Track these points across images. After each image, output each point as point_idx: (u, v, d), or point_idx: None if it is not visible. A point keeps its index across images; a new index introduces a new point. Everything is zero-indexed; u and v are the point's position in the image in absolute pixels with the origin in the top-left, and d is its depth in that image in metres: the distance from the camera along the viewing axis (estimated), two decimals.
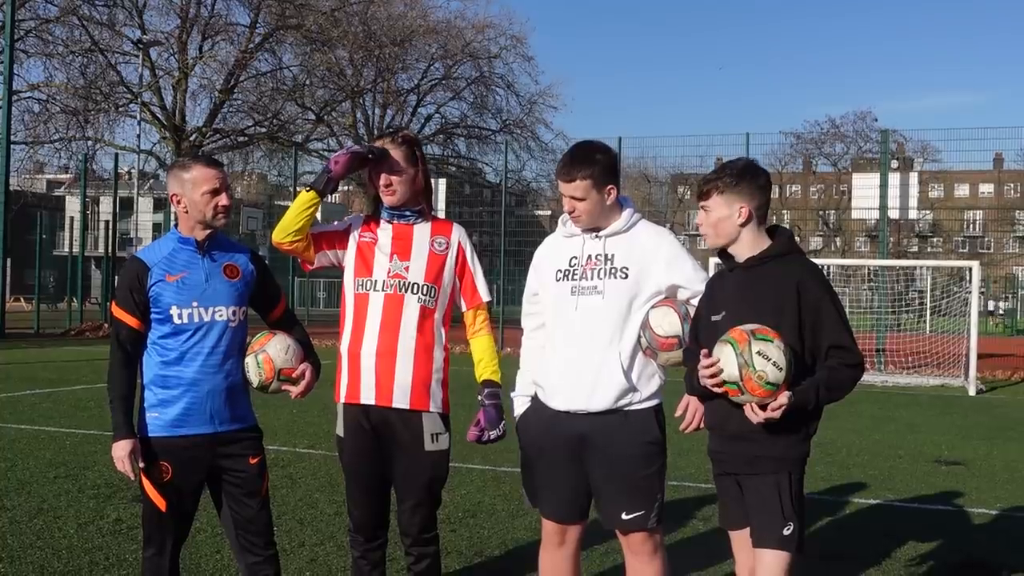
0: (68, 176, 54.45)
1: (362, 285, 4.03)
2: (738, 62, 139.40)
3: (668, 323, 3.69)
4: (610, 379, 3.76)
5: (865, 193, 22.26)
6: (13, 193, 29.09)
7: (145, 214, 38.15)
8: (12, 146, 27.76)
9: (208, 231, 3.87)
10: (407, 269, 4.01)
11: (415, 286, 4.00)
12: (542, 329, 3.97)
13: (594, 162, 3.77)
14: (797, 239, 3.69)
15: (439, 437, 4.00)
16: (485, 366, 4.10)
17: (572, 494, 3.88)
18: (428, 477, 3.99)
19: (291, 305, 4.24)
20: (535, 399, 3.96)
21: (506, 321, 25.04)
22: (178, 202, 3.85)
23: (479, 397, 4.05)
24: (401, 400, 3.96)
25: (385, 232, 4.08)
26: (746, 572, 3.59)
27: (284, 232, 4.00)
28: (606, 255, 3.82)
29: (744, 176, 3.51)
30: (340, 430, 4.10)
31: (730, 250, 3.58)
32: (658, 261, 3.80)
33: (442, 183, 27.86)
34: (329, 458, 8.67)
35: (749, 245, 3.54)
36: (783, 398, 3.29)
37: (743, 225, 3.52)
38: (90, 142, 35.02)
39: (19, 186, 36.72)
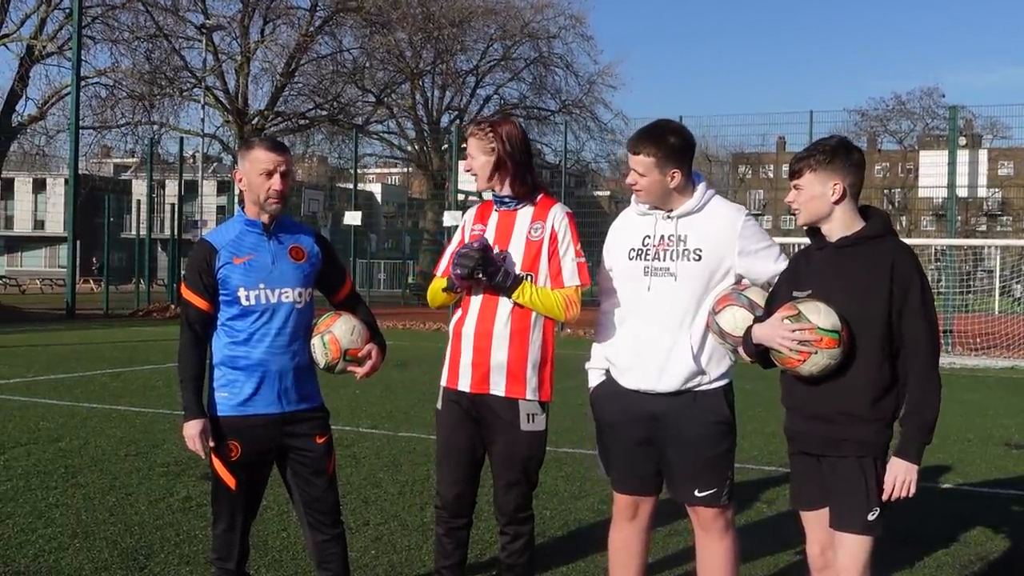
0: (134, 160, 55.52)
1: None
2: (800, 38, 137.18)
3: (742, 321, 3.67)
4: (680, 361, 3.77)
5: (932, 171, 21.83)
6: (82, 177, 29.66)
7: (209, 197, 38.74)
8: (80, 131, 28.21)
9: (271, 215, 3.91)
10: (503, 260, 4.02)
11: (515, 270, 4.00)
12: (618, 306, 3.97)
13: (662, 142, 3.74)
14: None
15: (535, 418, 4.02)
16: (540, 288, 4.03)
17: (645, 468, 3.90)
18: (524, 456, 4.01)
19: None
20: (608, 374, 3.97)
21: None
22: (240, 180, 3.91)
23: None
24: (498, 386, 3.99)
25: (493, 219, 4.11)
26: (818, 548, 3.58)
27: (436, 306, 4.25)
28: (679, 236, 3.81)
29: (837, 153, 3.46)
30: (439, 404, 4.17)
31: (822, 229, 3.53)
32: (732, 242, 3.78)
33: None
34: (391, 438, 8.76)
35: (842, 224, 3.49)
36: (894, 475, 3.37)
37: (836, 203, 3.47)
38: (155, 126, 35.57)
39: (87, 170, 37.51)
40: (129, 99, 33.92)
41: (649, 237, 3.85)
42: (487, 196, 4.25)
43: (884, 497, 3.37)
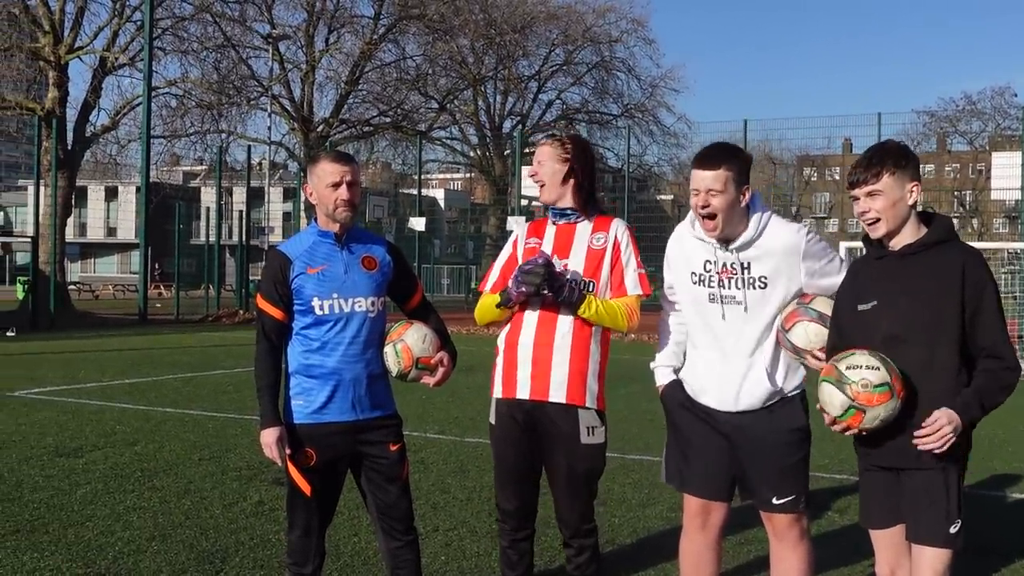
0: (203, 168, 56.50)
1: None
2: (866, 39, 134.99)
3: (815, 335, 3.62)
4: (757, 384, 3.75)
5: (1004, 172, 21.37)
6: (152, 185, 30.22)
7: (275, 203, 39.34)
8: (151, 140, 28.80)
9: (342, 224, 3.96)
10: (566, 266, 4.04)
11: (579, 276, 4.03)
12: (680, 313, 3.97)
13: (737, 157, 3.68)
14: None
15: (595, 430, 4.01)
16: (602, 300, 4.05)
17: (718, 473, 3.85)
18: (585, 469, 4.01)
19: None
20: (683, 387, 3.93)
21: None
22: (310, 194, 3.98)
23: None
24: (558, 393, 3.99)
25: (549, 233, 4.14)
26: (888, 569, 3.49)
27: (485, 323, 4.26)
28: (741, 264, 3.74)
29: (909, 155, 3.38)
30: (493, 418, 4.16)
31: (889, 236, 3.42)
32: (797, 265, 3.70)
33: None
34: (459, 444, 8.81)
35: (909, 230, 3.39)
36: (944, 417, 3.18)
37: (913, 206, 3.38)
38: (223, 135, 36.12)
39: (158, 178, 37.98)
40: (198, 108, 34.49)
41: (711, 263, 3.79)
42: (538, 215, 4.29)
43: (919, 435, 3.20)
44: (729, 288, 3.74)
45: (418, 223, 28.45)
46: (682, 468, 3.90)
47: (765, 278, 3.70)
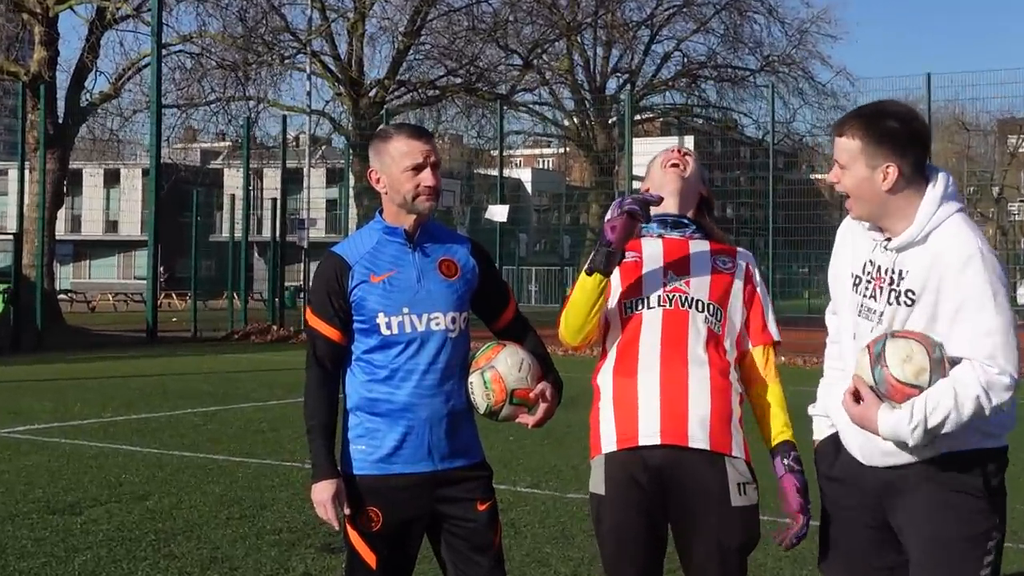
0: (226, 145, 57.53)
1: (631, 306, 4.02)
2: None
3: (913, 365, 3.50)
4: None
5: None
6: (164, 167, 30.86)
7: (317, 189, 39.76)
8: (163, 110, 29.35)
9: (416, 218, 3.98)
10: (687, 284, 4.01)
11: (699, 303, 4.00)
12: (838, 334, 3.92)
13: (875, 123, 3.57)
14: None
15: (747, 488, 3.92)
16: (779, 423, 4.04)
17: (871, 558, 3.75)
18: (738, 541, 3.90)
19: None
20: (836, 443, 3.87)
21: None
22: (377, 180, 4.01)
23: (781, 462, 3.98)
24: (699, 438, 3.90)
25: (653, 247, 4.11)
26: None
27: (578, 332, 4.06)
28: (896, 270, 3.64)
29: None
30: (600, 486, 4.00)
31: None
32: (947, 290, 3.53)
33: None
34: (559, 501, 8.77)
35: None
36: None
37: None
38: (251, 103, 36.71)
39: (170, 158, 38.91)
40: (219, 70, 35.10)
41: (870, 265, 3.72)
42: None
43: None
44: (877, 299, 3.67)
45: (499, 212, 28.54)
46: (831, 552, 3.86)
47: (912, 293, 3.58)
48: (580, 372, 5.12)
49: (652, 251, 4.09)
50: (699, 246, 4.13)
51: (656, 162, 4.24)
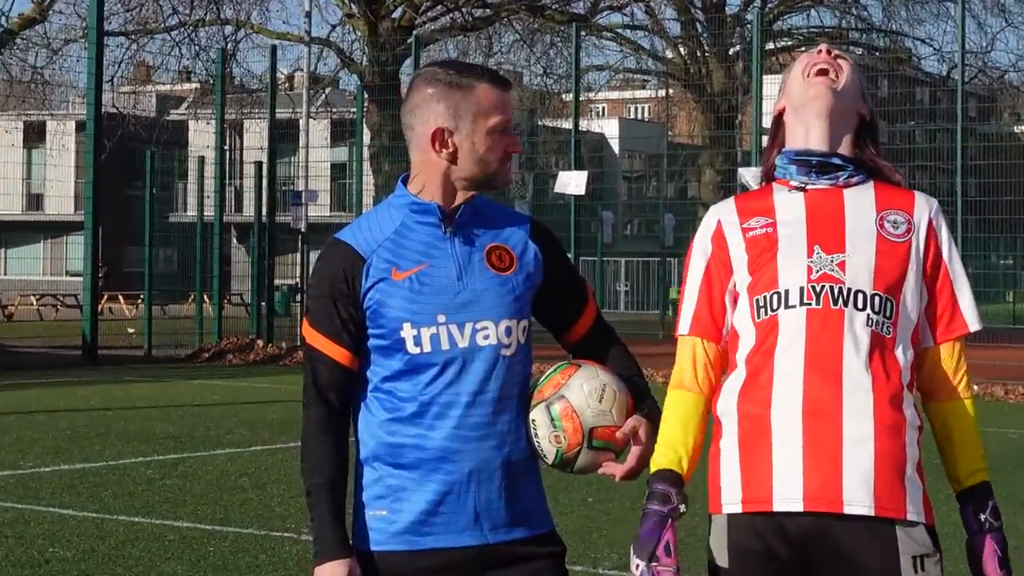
0: (191, 88, 57.79)
1: (765, 303, 4.00)
2: None
3: None
4: None
5: None
6: (106, 119, 31.01)
7: (319, 149, 39.86)
8: (105, 39, 29.52)
9: (472, 193, 4.00)
10: (842, 266, 3.98)
11: (861, 296, 3.97)
12: None
13: None
14: None
15: (926, 563, 3.92)
16: (972, 457, 4.04)
17: None
18: None
19: None
20: None
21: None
22: (442, 143, 3.97)
23: (974, 515, 3.98)
24: (859, 500, 3.89)
25: (791, 205, 4.09)
26: None
27: None
28: None
29: None
30: (722, 555, 4.05)
31: None
32: None
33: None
34: None
35: None
36: None
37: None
38: (227, 28, 36.86)
39: (115, 106, 39.15)
40: None
41: None
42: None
43: None
44: None
45: (573, 181, 28.47)
46: None
47: None
48: None
49: (790, 213, 4.06)
50: (859, 199, 4.07)
51: (795, 71, 4.15)
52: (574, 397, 3.96)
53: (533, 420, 3.98)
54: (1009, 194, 29.79)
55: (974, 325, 4.05)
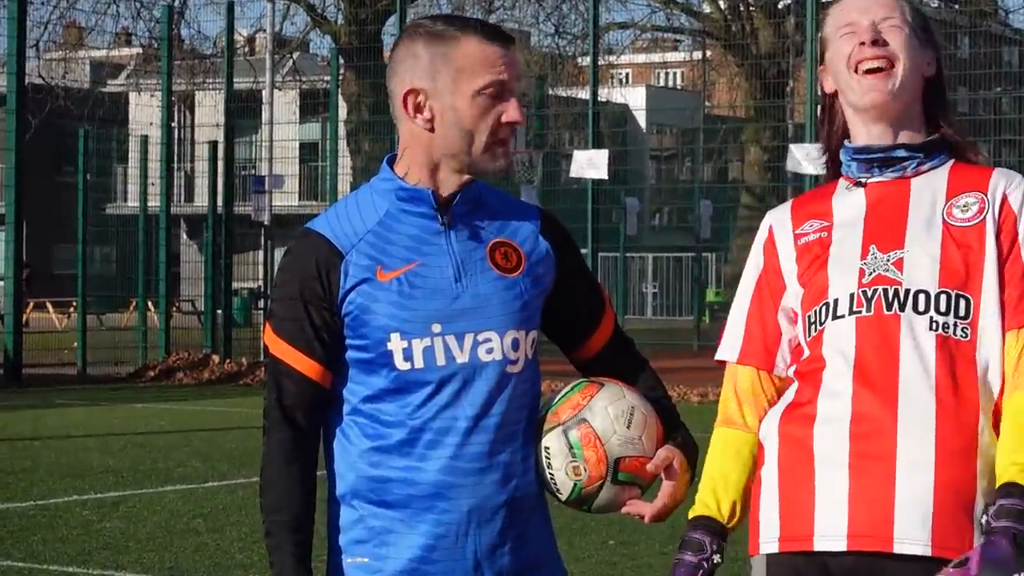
0: (132, 53, 57.82)
1: (814, 322, 4.05)
2: None
3: None
4: None
5: None
6: (30, 91, 30.99)
7: (285, 126, 39.89)
8: None
9: (467, 177, 4.00)
10: (899, 264, 4.02)
11: (922, 297, 4.00)
12: None
13: None
14: None
15: None
16: (1009, 453, 3.99)
17: None
18: None
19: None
20: None
21: None
22: (417, 108, 3.99)
23: (986, 521, 3.96)
24: (912, 536, 3.94)
25: (851, 204, 4.14)
26: None
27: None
28: None
29: None
30: None
31: None
32: None
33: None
34: None
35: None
36: None
37: None
38: None
39: (41, 75, 39.15)
40: None
41: None
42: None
43: None
44: None
45: (592, 162, 28.53)
46: None
47: None
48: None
49: (849, 212, 4.11)
50: (929, 187, 4.11)
51: (834, 42, 4.16)
52: (597, 421, 3.96)
53: (547, 448, 3.99)
54: None
55: None
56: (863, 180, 4.13)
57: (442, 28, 4.00)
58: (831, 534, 3.96)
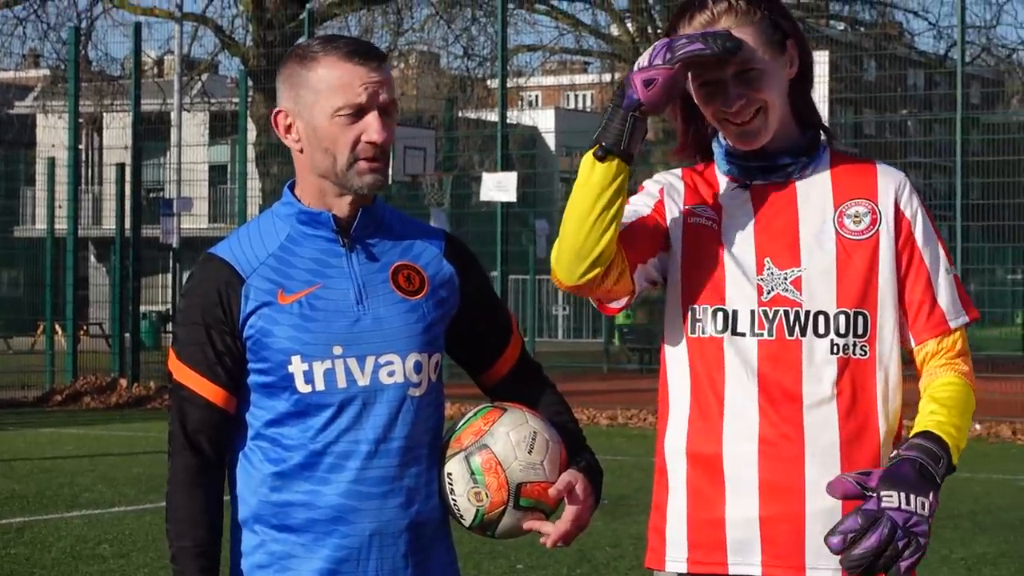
0: (39, 75, 57.48)
1: (703, 321, 4.07)
2: None
3: None
4: None
5: None
6: None
7: (195, 148, 39.75)
8: None
9: (353, 198, 3.99)
10: (797, 284, 4.04)
11: (822, 319, 4.03)
12: None
13: None
14: None
15: None
16: (930, 412, 4.03)
17: None
18: None
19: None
20: None
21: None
22: (288, 129, 4.02)
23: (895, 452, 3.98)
24: (824, 563, 3.96)
25: (738, 202, 4.14)
26: None
27: (581, 258, 3.99)
28: None
29: None
30: None
31: None
32: None
33: (821, 57, 27.69)
34: None
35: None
36: None
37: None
38: (81, 2, 36.73)
39: None
40: None
41: None
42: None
43: None
44: None
45: (501, 185, 28.51)
46: None
47: None
48: (627, 448, 5.13)
49: (735, 212, 4.12)
50: (813, 192, 4.12)
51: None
52: (499, 447, 3.95)
53: (449, 473, 3.98)
54: (1018, 196, 29.79)
55: (955, 320, 4.08)
56: (751, 182, 4.14)
57: (307, 50, 4.03)
58: (744, 560, 3.99)
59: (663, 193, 4.21)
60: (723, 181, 4.18)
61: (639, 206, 4.18)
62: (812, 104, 4.19)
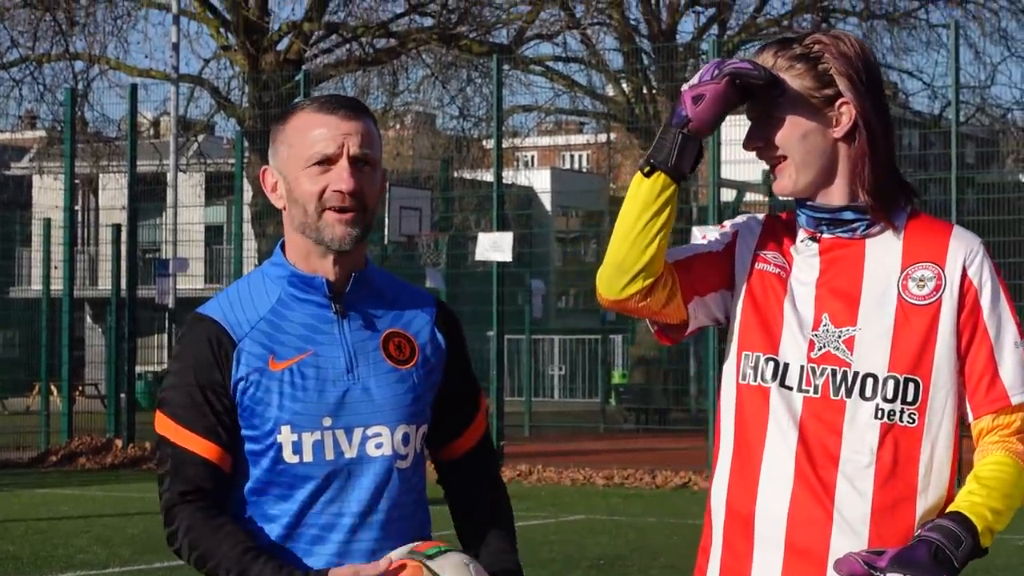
0: (35, 136, 57.53)
1: (755, 369, 4.05)
2: None
3: None
4: None
5: None
6: None
7: (191, 209, 39.73)
8: None
9: (335, 257, 3.96)
10: (850, 343, 4.01)
11: (870, 382, 3.99)
12: None
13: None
14: None
15: None
16: (974, 491, 4.00)
17: None
18: None
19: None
20: None
21: None
22: (273, 187, 4.02)
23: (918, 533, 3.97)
24: None
25: (808, 254, 4.12)
26: None
27: (623, 272, 3.98)
28: None
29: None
30: None
31: None
32: None
33: None
34: None
35: None
36: None
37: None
38: (78, 64, 36.70)
39: None
40: (24, 8, 35.18)
41: None
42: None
43: None
44: None
45: (497, 245, 28.50)
46: None
47: None
48: (631, 509, 5.10)
49: (804, 266, 4.10)
50: (883, 252, 4.09)
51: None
52: None
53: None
54: (1015, 255, 29.57)
55: (1017, 396, 4.01)
56: (819, 234, 4.12)
57: (290, 107, 4.06)
58: None
59: (737, 235, 4.20)
60: (800, 232, 4.15)
61: (711, 241, 4.20)
62: (881, 168, 4.08)
